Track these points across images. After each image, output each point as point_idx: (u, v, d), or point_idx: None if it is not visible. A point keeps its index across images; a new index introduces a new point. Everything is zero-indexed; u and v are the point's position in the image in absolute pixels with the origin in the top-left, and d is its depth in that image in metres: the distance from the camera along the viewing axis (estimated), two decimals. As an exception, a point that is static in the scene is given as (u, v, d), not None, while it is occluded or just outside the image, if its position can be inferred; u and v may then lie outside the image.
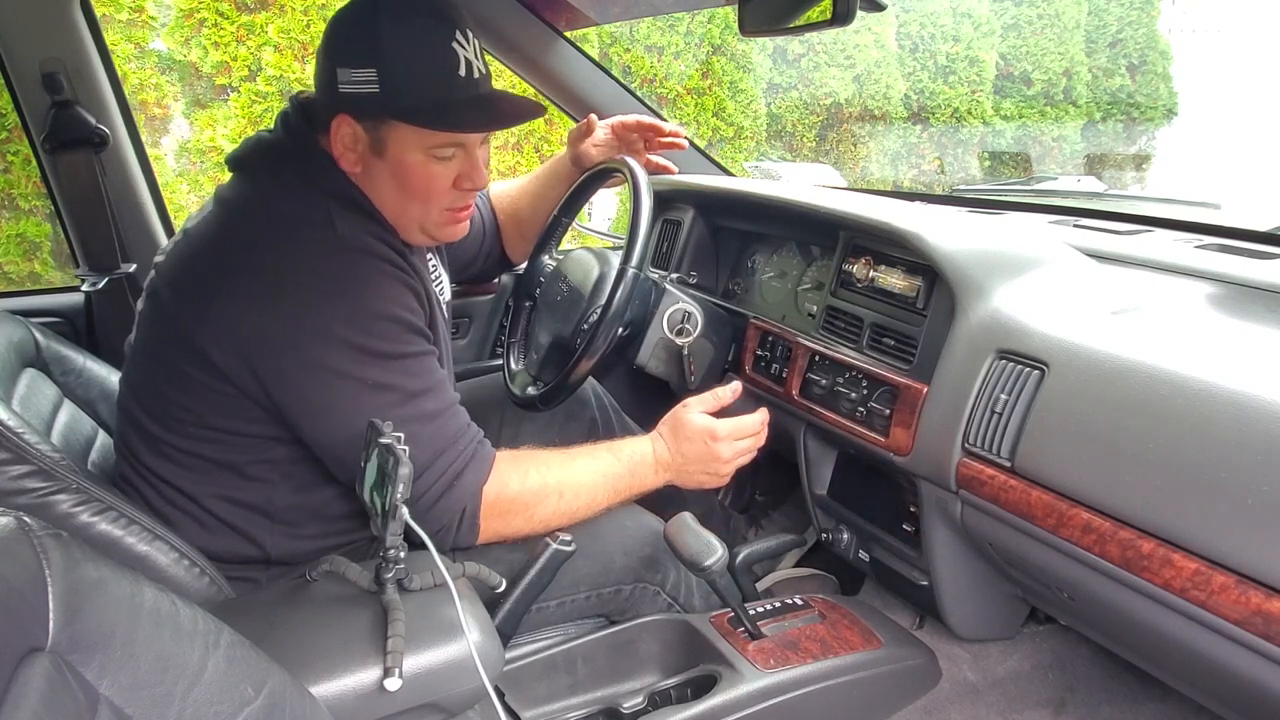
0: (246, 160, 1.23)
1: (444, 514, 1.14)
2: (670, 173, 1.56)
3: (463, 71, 1.12)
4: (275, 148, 1.21)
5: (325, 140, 1.18)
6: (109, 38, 3.42)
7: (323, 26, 1.15)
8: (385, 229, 1.19)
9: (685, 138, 1.60)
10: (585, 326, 1.41)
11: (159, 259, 1.22)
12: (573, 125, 1.64)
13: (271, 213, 1.15)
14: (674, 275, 1.66)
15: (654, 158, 1.60)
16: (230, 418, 1.12)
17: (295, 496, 1.18)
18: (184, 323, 1.10)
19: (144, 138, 1.90)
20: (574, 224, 1.65)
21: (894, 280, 1.29)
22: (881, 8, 1.37)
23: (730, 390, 1.37)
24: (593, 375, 1.47)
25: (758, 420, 1.37)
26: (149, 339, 1.18)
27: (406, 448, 0.89)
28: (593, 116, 1.55)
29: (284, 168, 1.19)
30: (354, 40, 1.12)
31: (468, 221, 1.27)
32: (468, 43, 1.14)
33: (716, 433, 1.32)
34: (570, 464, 1.25)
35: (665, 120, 1.60)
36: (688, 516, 1.19)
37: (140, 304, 1.23)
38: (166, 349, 1.13)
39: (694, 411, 1.33)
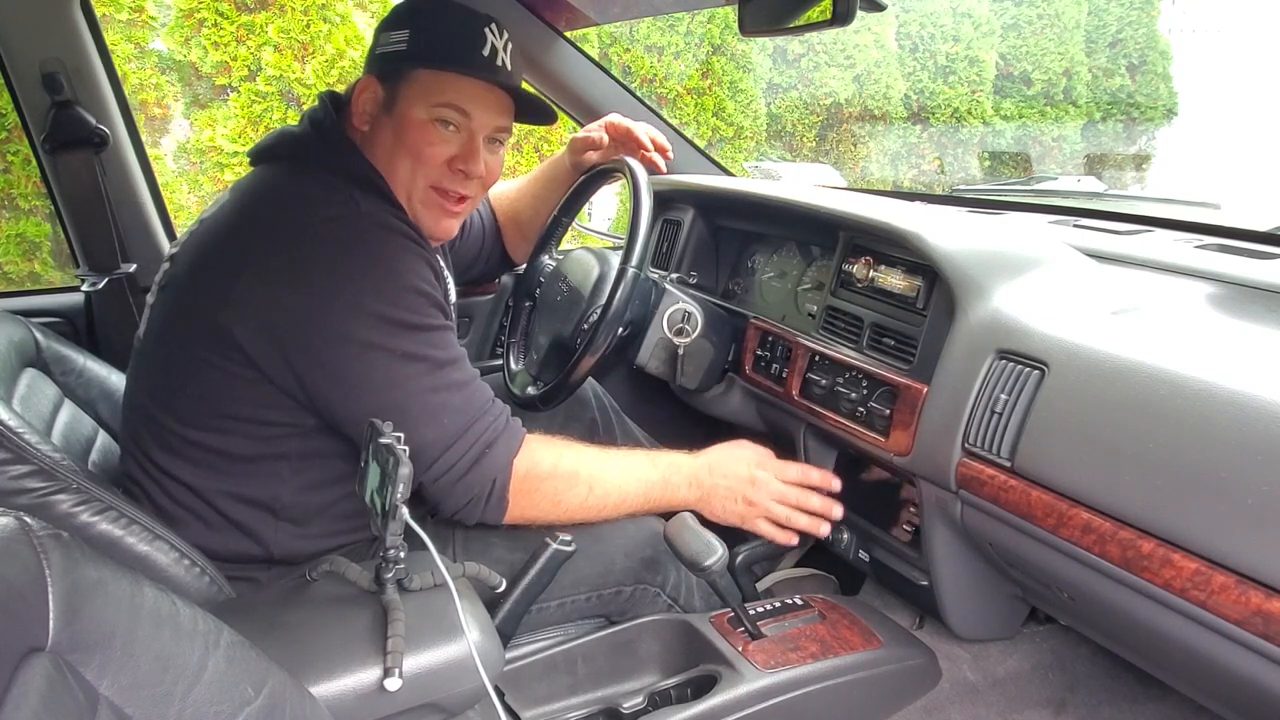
0: (269, 151, 1.25)
1: (475, 484, 1.14)
2: (660, 170, 1.56)
3: (486, 52, 1.18)
4: (300, 139, 1.24)
5: (349, 123, 1.23)
6: (109, 38, 3.41)
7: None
8: (404, 211, 1.21)
9: (671, 149, 1.59)
10: (585, 326, 1.41)
11: (173, 251, 1.23)
12: (572, 125, 1.64)
13: (294, 194, 1.16)
14: (674, 275, 1.66)
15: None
16: (247, 405, 1.12)
17: (302, 494, 1.18)
18: (206, 306, 1.11)
19: (144, 138, 1.90)
20: (574, 224, 1.65)
21: (894, 280, 1.29)
22: (881, 8, 1.37)
23: (822, 477, 1.35)
24: (593, 375, 1.47)
25: (815, 476, 1.34)
26: (164, 329, 1.18)
27: (406, 448, 0.89)
28: (604, 137, 1.55)
29: (307, 155, 1.21)
30: (398, 9, 1.21)
31: (453, 221, 1.27)
32: (499, 37, 1.20)
33: (764, 463, 1.32)
34: (606, 460, 1.26)
35: (665, 122, 1.59)
36: (688, 516, 1.19)
37: (151, 298, 1.23)
38: (185, 337, 1.14)
39: (758, 445, 1.35)
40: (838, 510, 1.34)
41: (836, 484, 1.36)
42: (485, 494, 1.15)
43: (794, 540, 1.33)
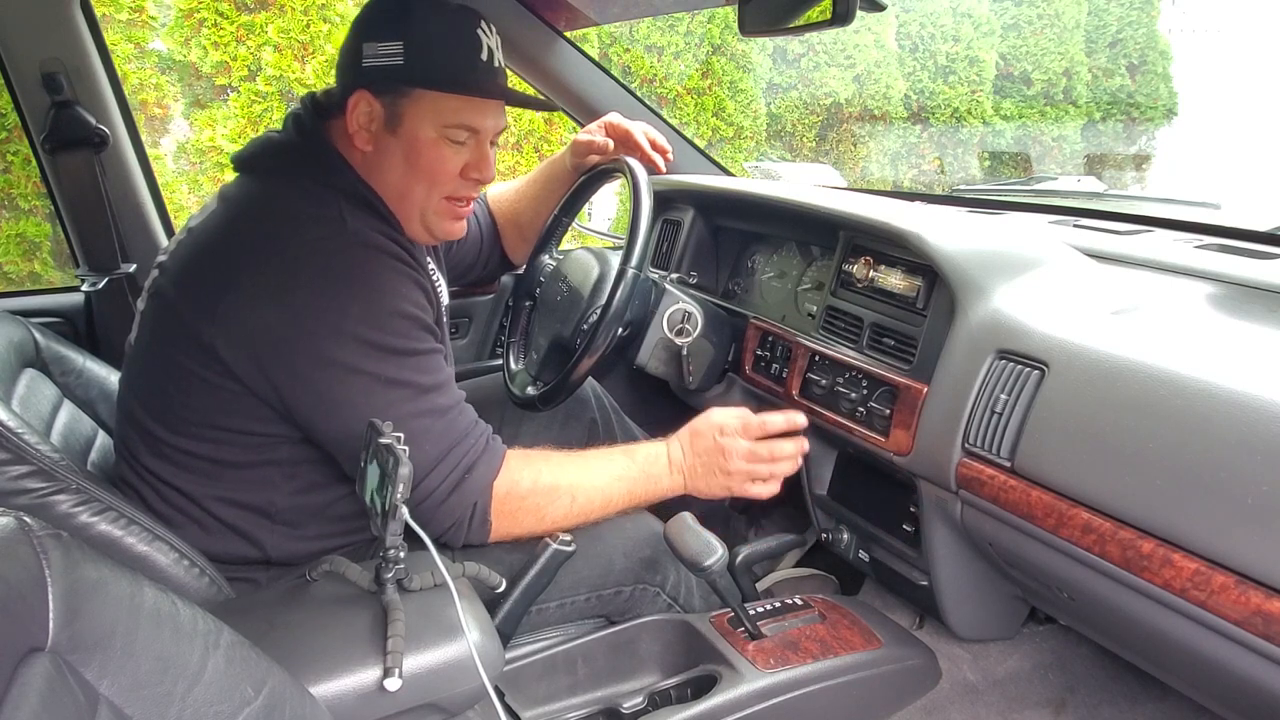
0: (253, 159, 1.23)
1: (456, 509, 1.14)
2: (659, 170, 1.56)
3: (484, 56, 1.16)
4: (285, 147, 1.22)
5: (338, 135, 1.20)
6: (109, 38, 3.42)
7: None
8: (393, 227, 1.20)
9: (670, 149, 1.58)
10: (585, 326, 1.41)
11: (162, 258, 1.22)
12: (572, 125, 1.63)
13: (281, 209, 1.15)
14: (674, 275, 1.66)
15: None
16: (235, 417, 1.12)
17: (297, 498, 1.18)
18: (192, 320, 1.10)
19: (144, 138, 1.90)
20: (574, 224, 1.65)
21: (894, 280, 1.29)
22: (881, 8, 1.37)
23: (786, 420, 1.30)
24: (592, 375, 1.47)
25: (779, 421, 1.30)
26: (152, 338, 1.18)
27: (406, 448, 0.89)
28: (610, 142, 1.54)
29: (294, 166, 1.19)
30: (384, 15, 1.15)
31: (464, 222, 1.27)
32: (490, 34, 1.18)
33: (725, 428, 1.28)
34: (585, 466, 1.25)
35: (665, 122, 1.59)
36: (688, 516, 1.19)
37: (141, 303, 1.23)
38: (172, 348, 1.13)
39: (716, 409, 1.31)
40: (806, 444, 1.33)
41: (802, 419, 1.32)
42: (467, 518, 1.15)
43: (776, 489, 1.31)
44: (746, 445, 1.28)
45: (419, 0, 1.14)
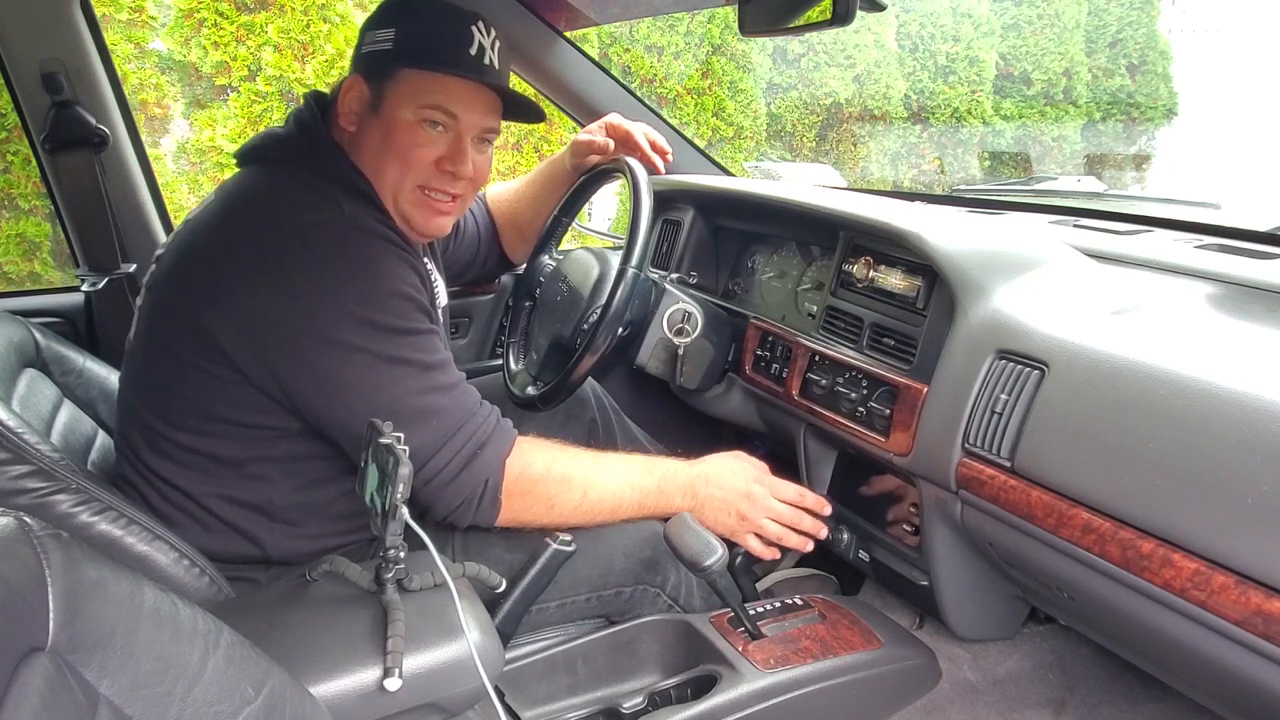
0: (254, 152, 1.25)
1: (466, 486, 1.14)
2: (658, 171, 1.56)
3: (473, 50, 1.18)
4: (286, 141, 1.23)
5: (334, 124, 1.22)
6: (109, 38, 3.42)
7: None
8: (387, 215, 1.21)
9: (670, 150, 1.59)
10: (585, 326, 1.41)
11: (160, 252, 1.22)
12: (572, 125, 1.63)
13: (278, 196, 1.16)
14: (674, 275, 1.66)
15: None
16: (235, 409, 1.12)
17: (296, 495, 1.18)
18: (191, 309, 1.10)
19: (144, 138, 1.90)
20: (574, 224, 1.65)
21: (894, 280, 1.29)
22: (881, 8, 1.37)
23: (816, 501, 1.36)
24: (593, 375, 1.47)
25: (810, 499, 1.36)
26: (151, 332, 1.18)
27: (406, 448, 0.89)
28: (610, 143, 1.55)
29: (293, 158, 1.21)
30: (387, 7, 1.21)
31: (445, 219, 1.26)
32: (487, 35, 1.19)
33: (762, 478, 1.33)
34: (600, 465, 1.25)
35: (665, 122, 1.59)
36: (688, 516, 1.19)
37: (140, 299, 1.23)
38: (171, 340, 1.13)
39: (748, 456, 1.36)
40: (824, 531, 1.37)
41: (828, 509, 1.37)
42: (478, 495, 1.15)
43: (778, 555, 1.35)
44: (775, 504, 1.33)
45: None
